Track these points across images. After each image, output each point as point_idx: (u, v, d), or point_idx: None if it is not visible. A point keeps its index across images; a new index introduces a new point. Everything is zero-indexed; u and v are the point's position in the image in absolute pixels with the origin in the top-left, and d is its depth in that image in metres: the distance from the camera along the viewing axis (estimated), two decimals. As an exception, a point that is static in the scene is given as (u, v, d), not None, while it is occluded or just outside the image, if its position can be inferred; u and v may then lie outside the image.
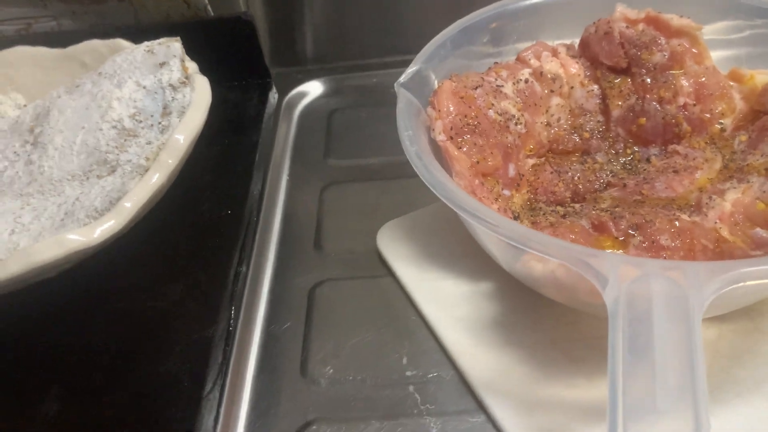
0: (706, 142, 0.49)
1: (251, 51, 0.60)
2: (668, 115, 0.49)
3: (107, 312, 0.43)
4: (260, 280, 0.51)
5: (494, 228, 0.36)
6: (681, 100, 0.49)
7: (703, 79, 0.49)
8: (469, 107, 0.45)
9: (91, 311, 0.43)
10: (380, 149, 0.63)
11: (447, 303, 0.47)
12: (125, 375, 0.39)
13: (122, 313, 0.42)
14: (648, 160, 0.49)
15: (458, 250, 0.50)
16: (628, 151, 0.50)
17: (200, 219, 0.48)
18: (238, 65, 0.60)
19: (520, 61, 0.51)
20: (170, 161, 0.40)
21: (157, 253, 0.45)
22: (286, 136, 0.66)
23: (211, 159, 0.43)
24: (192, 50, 0.51)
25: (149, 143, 0.44)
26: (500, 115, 0.47)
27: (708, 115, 0.49)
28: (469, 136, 0.44)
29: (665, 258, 0.39)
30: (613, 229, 0.40)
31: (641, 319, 0.29)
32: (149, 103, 0.45)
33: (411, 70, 0.47)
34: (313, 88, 0.72)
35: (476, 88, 0.47)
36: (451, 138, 0.44)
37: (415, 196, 0.55)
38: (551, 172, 0.49)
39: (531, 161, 0.50)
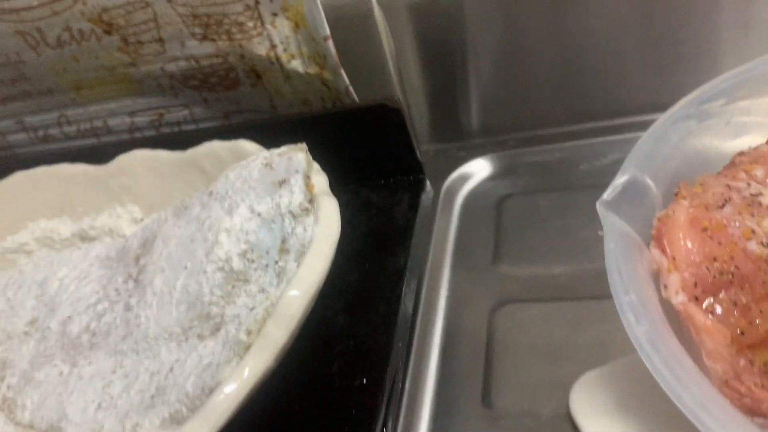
0: None
1: (400, 143, 0.48)
2: None
3: None
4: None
5: None
6: None
7: None
8: (719, 243, 0.29)
9: None
10: (569, 253, 0.48)
11: None
12: None
13: None
14: None
15: None
16: None
17: (326, 387, 0.36)
18: (384, 161, 0.48)
19: (783, 149, 0.35)
20: (279, 335, 0.29)
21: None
22: (445, 234, 0.53)
23: (345, 292, 0.31)
24: (326, 146, 0.40)
25: (263, 291, 0.33)
26: (766, 245, 0.30)
27: None
28: (724, 292, 0.28)
29: None
30: None
31: None
32: (264, 235, 0.34)
33: (620, 181, 0.32)
34: (478, 168, 0.59)
35: (723, 206, 0.31)
36: (696, 298, 0.28)
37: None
38: None
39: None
